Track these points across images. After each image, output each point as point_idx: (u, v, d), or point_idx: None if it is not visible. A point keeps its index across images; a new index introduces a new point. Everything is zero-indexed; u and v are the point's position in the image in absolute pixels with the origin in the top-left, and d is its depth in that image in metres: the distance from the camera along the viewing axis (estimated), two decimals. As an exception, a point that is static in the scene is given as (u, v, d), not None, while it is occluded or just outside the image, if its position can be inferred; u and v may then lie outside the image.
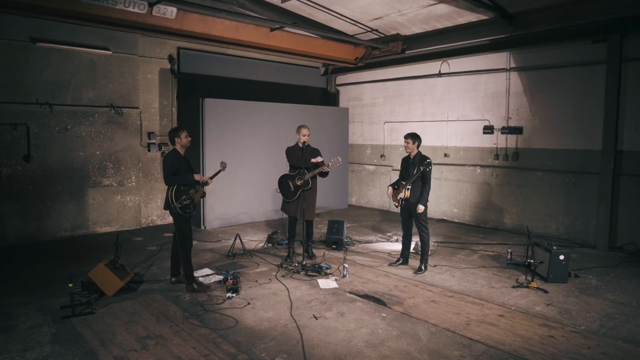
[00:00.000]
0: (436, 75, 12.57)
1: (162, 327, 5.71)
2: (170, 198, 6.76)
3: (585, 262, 8.66)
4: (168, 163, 6.80)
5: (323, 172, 8.23)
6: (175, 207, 6.75)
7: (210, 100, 11.19)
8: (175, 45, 11.75)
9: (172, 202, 6.75)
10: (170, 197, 6.76)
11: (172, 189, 6.76)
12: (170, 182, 6.79)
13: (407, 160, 8.17)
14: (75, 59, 10.34)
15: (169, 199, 6.79)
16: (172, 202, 6.75)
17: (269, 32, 11.25)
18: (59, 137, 10.20)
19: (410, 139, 8.01)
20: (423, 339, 5.43)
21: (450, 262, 8.66)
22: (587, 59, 9.84)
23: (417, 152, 8.04)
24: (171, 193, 6.76)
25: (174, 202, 6.74)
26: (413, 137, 8.03)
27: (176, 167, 6.81)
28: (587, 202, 9.97)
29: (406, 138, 8.05)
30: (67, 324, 5.80)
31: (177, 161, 6.86)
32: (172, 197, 6.74)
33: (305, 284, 7.34)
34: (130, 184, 11.32)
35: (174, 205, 6.74)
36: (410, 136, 8.04)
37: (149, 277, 7.67)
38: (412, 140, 8.00)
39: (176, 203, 6.74)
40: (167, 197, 6.83)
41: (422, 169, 7.68)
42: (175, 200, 6.74)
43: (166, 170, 6.78)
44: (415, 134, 8.07)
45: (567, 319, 6.05)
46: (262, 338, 5.43)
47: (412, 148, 8.02)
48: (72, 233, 10.48)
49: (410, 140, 8.01)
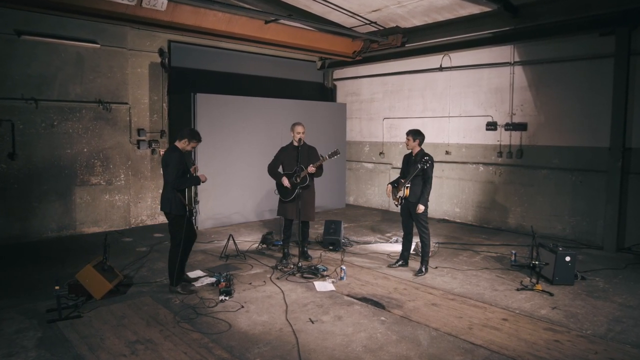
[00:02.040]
0: (437, 69, 12.57)
1: (153, 332, 5.70)
2: (189, 200, 6.78)
3: (592, 263, 8.67)
4: (174, 164, 6.71)
5: (318, 169, 8.22)
6: (192, 209, 6.82)
7: (202, 96, 11.17)
8: (165, 38, 11.72)
9: (190, 204, 6.79)
10: (189, 200, 6.78)
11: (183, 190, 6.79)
12: (180, 186, 6.74)
13: (408, 157, 8.15)
14: (62, 53, 10.31)
15: (181, 201, 6.74)
16: (189, 204, 6.78)
17: (263, 25, 11.23)
18: (45, 133, 10.17)
19: (411, 136, 7.98)
20: (424, 344, 5.42)
21: (451, 263, 8.66)
22: (594, 52, 9.84)
23: (420, 150, 7.99)
24: (189, 195, 6.80)
25: (192, 204, 6.81)
26: (414, 133, 7.98)
27: (181, 168, 6.78)
28: (595, 202, 9.98)
29: (407, 135, 8.03)
30: (54, 328, 5.77)
31: (181, 162, 6.80)
32: (189, 199, 6.80)
33: (301, 286, 7.33)
34: (119, 183, 11.30)
35: (190, 207, 6.79)
36: (410, 133, 8.00)
37: (138, 279, 7.65)
38: (413, 137, 7.96)
39: (193, 205, 6.82)
40: (170, 198, 6.77)
41: (421, 166, 7.65)
42: (192, 202, 6.84)
43: (174, 172, 6.69)
44: (416, 130, 8.03)
45: (574, 322, 6.05)
46: (257, 343, 5.42)
47: (412, 145, 7.98)
48: (58, 233, 10.45)
49: (411, 137, 7.97)
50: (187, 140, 6.89)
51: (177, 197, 6.73)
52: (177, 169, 6.69)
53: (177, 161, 6.73)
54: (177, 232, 6.87)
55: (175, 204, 6.75)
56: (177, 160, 6.74)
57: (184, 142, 6.90)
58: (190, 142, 6.91)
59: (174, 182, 6.69)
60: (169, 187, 6.79)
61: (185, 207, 6.77)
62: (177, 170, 6.68)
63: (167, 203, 6.83)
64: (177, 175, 6.69)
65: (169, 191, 6.80)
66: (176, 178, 6.68)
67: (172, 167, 6.69)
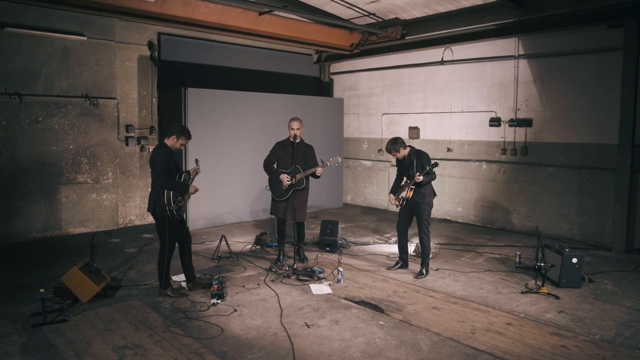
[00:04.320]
0: (438, 63, 12.57)
1: (142, 336, 5.68)
2: (168, 200, 6.70)
3: (600, 265, 8.68)
4: (160, 161, 6.66)
5: (316, 174, 8.24)
6: (172, 210, 6.72)
7: (193, 90, 11.14)
8: (155, 31, 11.70)
9: (170, 204, 6.70)
10: (168, 200, 6.70)
11: (168, 191, 6.71)
12: (165, 185, 6.65)
13: (401, 162, 8.10)
14: (48, 46, 10.27)
15: (162, 201, 6.68)
16: (168, 204, 6.69)
17: (257, 16, 11.22)
18: (30, 130, 10.14)
19: (399, 146, 7.83)
20: (424, 349, 5.42)
21: (453, 265, 8.67)
22: (603, 45, 9.84)
23: (409, 150, 7.97)
24: (168, 194, 6.69)
25: (171, 204, 6.71)
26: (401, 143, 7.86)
27: (167, 166, 6.71)
28: (603, 201, 9.99)
29: (393, 151, 7.89)
30: (38, 333, 5.76)
31: (167, 160, 6.75)
32: (168, 199, 6.69)
33: (297, 289, 7.33)
34: (107, 181, 11.27)
35: (171, 207, 6.70)
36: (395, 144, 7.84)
37: (127, 282, 7.64)
38: (402, 146, 7.85)
39: (173, 205, 6.72)
40: (155, 198, 6.75)
41: (429, 168, 7.63)
42: (172, 202, 6.71)
43: (158, 169, 6.63)
44: (396, 139, 7.90)
45: (581, 327, 6.06)
46: (250, 348, 5.41)
47: (404, 153, 7.94)
48: (43, 234, 10.42)
49: (400, 148, 7.84)
50: (176, 137, 6.85)
51: (161, 197, 6.70)
52: (163, 167, 6.65)
53: (162, 159, 6.69)
54: (163, 234, 6.85)
55: (159, 204, 6.74)
56: (163, 158, 6.70)
57: (173, 139, 6.86)
58: (179, 139, 6.87)
59: (159, 181, 6.65)
60: (154, 186, 6.78)
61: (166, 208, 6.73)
62: (162, 168, 6.64)
63: (151, 203, 6.84)
64: (161, 172, 6.62)
65: (153, 190, 6.79)
66: (160, 175, 6.62)
67: (157, 165, 6.66)
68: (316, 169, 8.14)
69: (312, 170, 8.16)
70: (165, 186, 6.65)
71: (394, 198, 8.14)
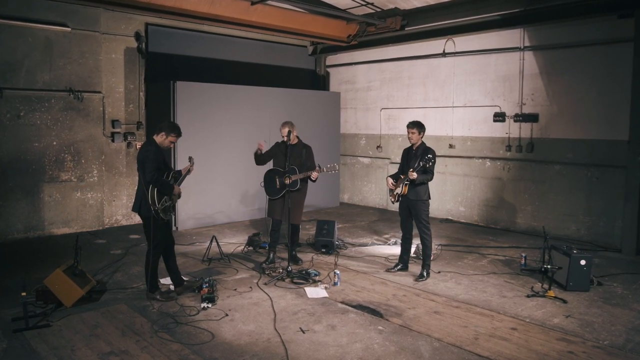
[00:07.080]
0: (440, 55, 12.57)
1: (128, 342, 5.68)
2: (152, 199, 6.66)
3: (610, 267, 8.69)
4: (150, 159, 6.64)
5: (311, 178, 8.24)
6: (157, 210, 6.68)
7: (182, 84, 11.13)
8: (143, 21, 11.67)
9: (154, 204, 6.66)
10: (152, 199, 6.66)
11: (152, 189, 6.67)
12: (157, 183, 6.64)
13: (409, 151, 8.14)
14: (29, 37, 10.23)
15: (147, 200, 6.64)
16: (153, 204, 6.66)
17: (250, 6, 11.18)
18: (11, 125, 10.11)
19: (416, 129, 7.93)
20: (425, 356, 5.42)
21: (456, 267, 8.67)
22: (612, 36, 9.86)
23: (421, 143, 8.01)
24: (152, 193, 6.65)
25: (156, 204, 6.67)
26: (419, 126, 7.95)
27: (157, 165, 6.69)
28: (612, 200, 10.01)
29: (411, 127, 7.97)
30: (20, 339, 5.75)
31: (157, 158, 6.73)
32: (153, 199, 6.66)
33: (291, 292, 7.33)
34: (92, 179, 11.25)
35: (156, 207, 6.67)
36: (415, 125, 7.95)
37: (113, 285, 7.62)
38: (418, 130, 7.93)
39: (158, 205, 6.68)
40: (141, 197, 6.74)
41: (423, 164, 7.62)
42: (157, 202, 6.68)
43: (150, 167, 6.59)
44: (420, 122, 8.01)
45: (589, 332, 6.07)
46: (242, 354, 5.41)
47: (417, 139, 7.97)
48: (25, 235, 10.40)
49: (416, 130, 7.93)
50: (165, 134, 6.84)
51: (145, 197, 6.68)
52: (154, 164, 6.64)
53: (152, 157, 6.67)
54: (149, 235, 6.83)
55: (145, 204, 6.71)
56: (153, 156, 6.68)
57: (162, 136, 6.85)
58: (168, 136, 6.85)
59: (153, 179, 6.62)
60: (141, 185, 6.75)
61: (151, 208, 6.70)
62: (153, 165, 6.61)
63: (137, 202, 6.85)
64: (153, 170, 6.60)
65: (139, 189, 6.78)
66: (153, 172, 6.59)
67: (148, 162, 6.63)
68: (311, 173, 8.16)
69: (307, 174, 8.18)
70: (159, 184, 6.66)
71: (391, 183, 8.15)
